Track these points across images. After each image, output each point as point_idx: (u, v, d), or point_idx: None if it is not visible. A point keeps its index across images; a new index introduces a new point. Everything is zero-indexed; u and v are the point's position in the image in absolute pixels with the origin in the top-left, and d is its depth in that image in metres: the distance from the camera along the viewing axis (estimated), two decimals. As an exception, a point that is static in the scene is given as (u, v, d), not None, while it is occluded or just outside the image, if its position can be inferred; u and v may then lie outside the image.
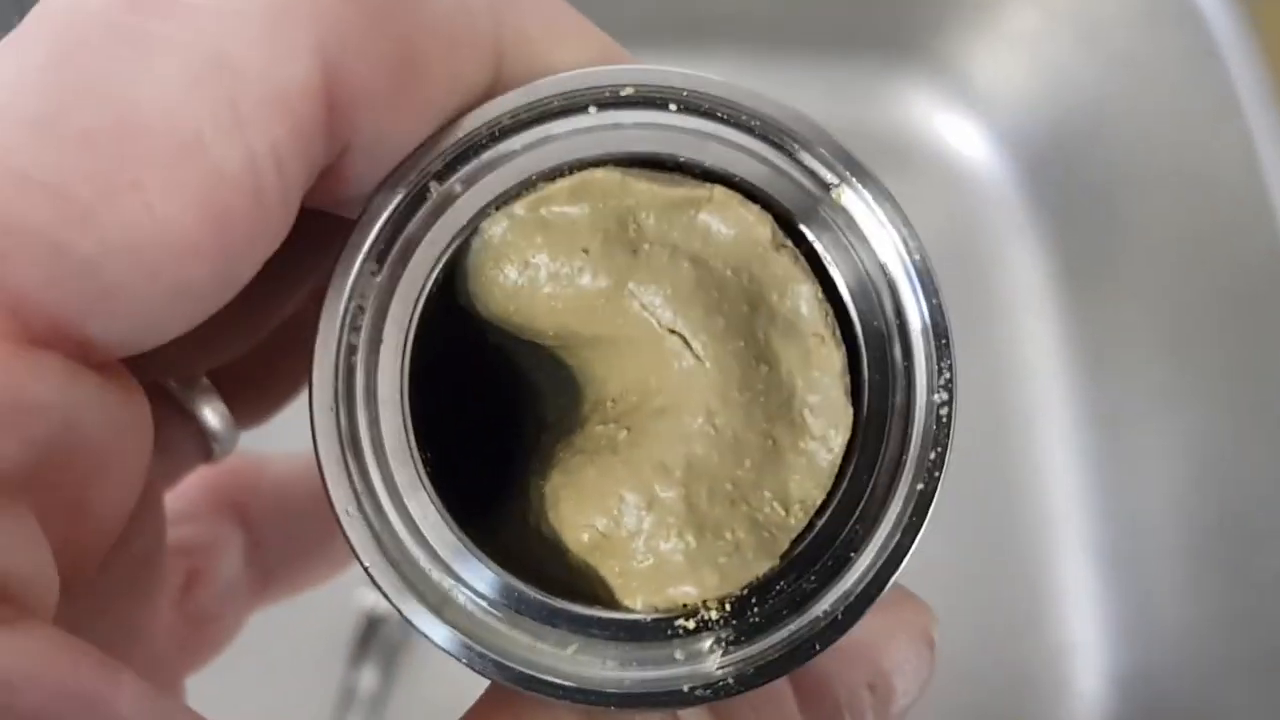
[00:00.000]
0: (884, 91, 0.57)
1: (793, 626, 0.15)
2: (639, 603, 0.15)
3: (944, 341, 0.15)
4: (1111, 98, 0.51)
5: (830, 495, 0.15)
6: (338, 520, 0.14)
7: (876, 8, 0.55)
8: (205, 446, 0.20)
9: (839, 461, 0.15)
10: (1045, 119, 0.54)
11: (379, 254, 0.14)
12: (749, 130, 0.15)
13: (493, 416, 0.18)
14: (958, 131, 0.56)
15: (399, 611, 0.14)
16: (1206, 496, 0.45)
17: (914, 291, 0.15)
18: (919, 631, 0.17)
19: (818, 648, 0.14)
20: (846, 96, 0.57)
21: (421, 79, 0.14)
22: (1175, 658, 0.46)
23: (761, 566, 0.15)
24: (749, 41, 0.56)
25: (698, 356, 0.15)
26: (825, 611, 0.15)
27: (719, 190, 0.15)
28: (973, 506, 0.50)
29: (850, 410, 0.15)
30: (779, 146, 0.15)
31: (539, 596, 0.14)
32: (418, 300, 0.14)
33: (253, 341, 0.19)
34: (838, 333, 0.15)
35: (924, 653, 0.17)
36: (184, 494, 0.22)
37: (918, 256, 0.15)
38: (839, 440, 0.15)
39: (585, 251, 0.15)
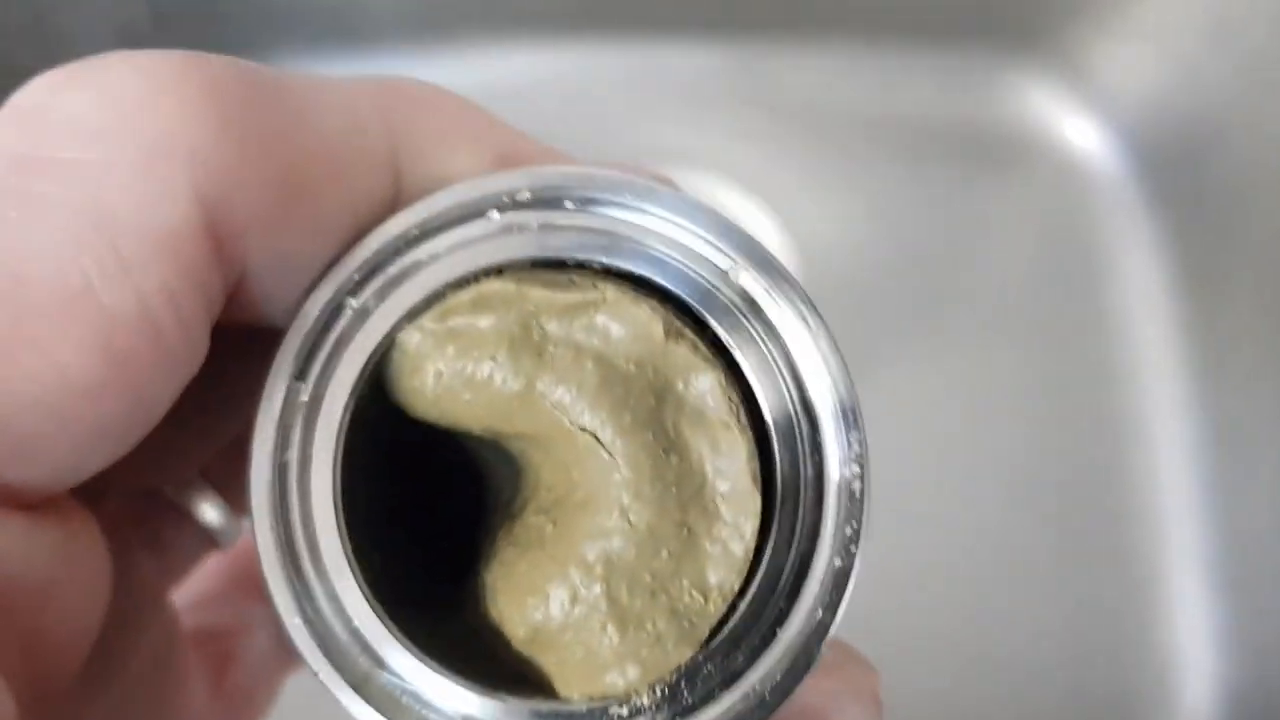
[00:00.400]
0: (1000, 82, 0.55)
1: (727, 703, 0.15)
2: (575, 693, 0.16)
3: (851, 417, 0.16)
4: (1241, 99, 0.49)
5: (749, 578, 0.16)
6: (284, 630, 0.15)
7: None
8: (209, 540, 0.21)
9: (752, 547, 0.16)
10: (1170, 117, 0.52)
11: (301, 373, 0.15)
12: (643, 222, 0.16)
13: (438, 508, 0.19)
14: (1076, 128, 0.54)
15: (350, 713, 0.15)
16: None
17: (819, 367, 0.16)
18: (866, 693, 0.18)
19: (759, 713, 0.15)
20: (958, 88, 0.55)
21: (309, 202, 0.14)
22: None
23: (683, 655, 0.15)
24: (863, 27, 0.55)
25: (609, 453, 0.16)
26: (755, 689, 0.15)
27: (610, 290, 0.16)
28: (1081, 516, 0.50)
29: (757, 497, 0.16)
30: (675, 235, 0.16)
31: (476, 690, 0.15)
32: (343, 416, 0.15)
33: (228, 437, 0.20)
34: (743, 418, 0.16)
35: (872, 712, 0.18)
36: (203, 580, 0.23)
37: (822, 334, 0.16)
38: (749, 527, 0.16)
39: (493, 359, 0.16)
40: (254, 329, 0.16)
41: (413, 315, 0.15)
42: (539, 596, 0.16)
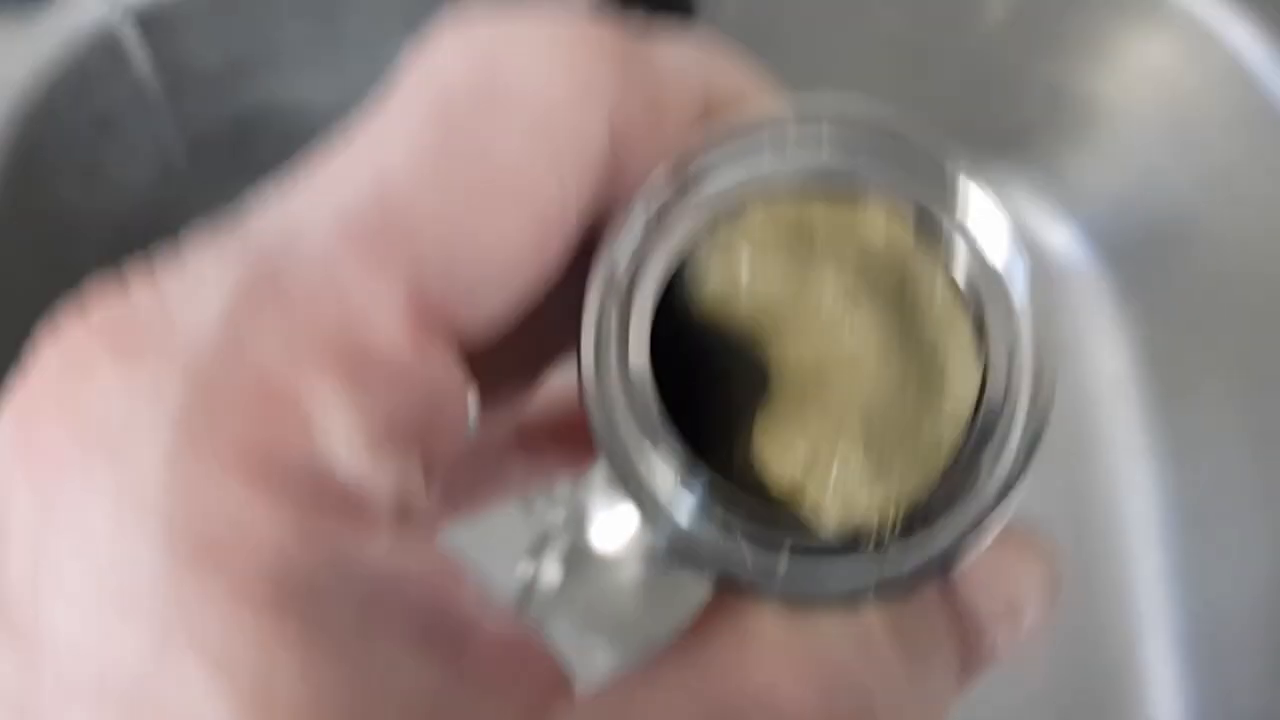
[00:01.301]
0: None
1: (946, 534, 0.19)
2: (832, 525, 0.19)
3: (1043, 313, 0.19)
4: (1200, 203, 0.53)
5: (967, 435, 0.19)
6: (614, 476, 0.19)
7: (976, 107, 0.58)
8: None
9: (972, 407, 0.19)
10: (1136, 219, 0.56)
11: (622, 265, 0.19)
12: (893, 150, 0.19)
13: (701, 393, 0.22)
14: (1050, 228, 0.59)
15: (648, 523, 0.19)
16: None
17: (1019, 272, 0.19)
18: (1046, 562, 0.22)
19: (971, 544, 0.19)
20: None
21: (663, 129, 0.19)
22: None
23: (925, 487, 0.19)
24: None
25: (865, 328, 0.19)
26: (972, 519, 0.19)
27: (873, 200, 0.19)
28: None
29: (978, 368, 0.19)
30: (918, 162, 0.19)
31: (754, 525, 0.19)
32: (653, 297, 0.19)
33: (532, 379, 0.25)
34: (965, 309, 0.19)
35: (1049, 581, 0.22)
36: None
37: (1021, 249, 0.19)
38: (971, 390, 0.19)
39: (775, 253, 0.19)
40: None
41: (712, 227, 0.19)
42: (804, 442, 0.19)
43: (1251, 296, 0.51)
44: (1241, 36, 0.49)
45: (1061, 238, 0.59)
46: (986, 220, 0.19)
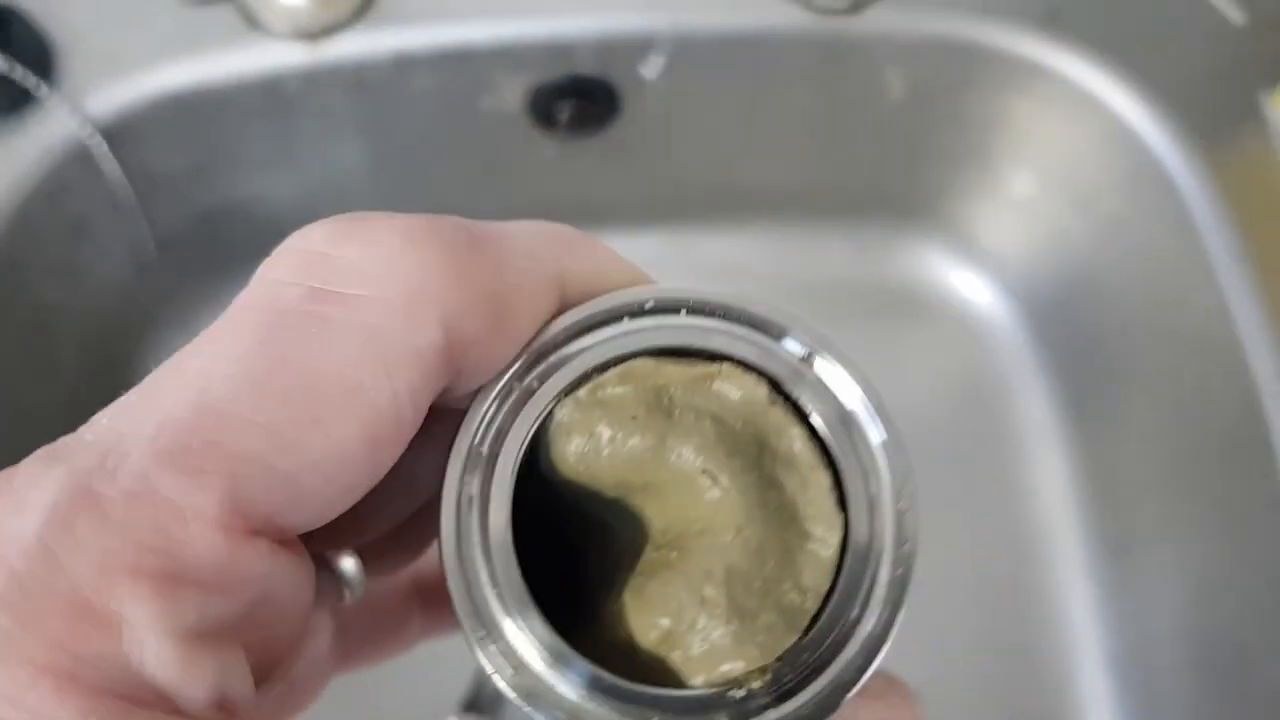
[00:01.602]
0: (901, 250, 0.64)
1: (817, 686, 0.19)
2: (700, 681, 0.19)
3: (901, 458, 0.20)
4: (1102, 255, 0.57)
5: (833, 584, 0.20)
6: (470, 643, 0.19)
7: (890, 177, 0.62)
8: (340, 592, 0.26)
9: (837, 557, 0.20)
10: (1045, 273, 0.60)
11: (481, 437, 0.20)
12: (742, 323, 0.20)
13: (567, 561, 0.23)
14: (968, 284, 0.63)
15: (524, 707, 0.19)
16: (1205, 616, 0.51)
17: (873, 422, 0.20)
18: (913, 710, 0.22)
19: (844, 695, 0.19)
20: (868, 255, 0.64)
21: (509, 321, 0.19)
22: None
23: (789, 640, 0.19)
24: (782, 209, 0.64)
25: (724, 489, 0.20)
26: (842, 670, 0.19)
27: (726, 366, 0.20)
28: (992, 620, 0.57)
29: (840, 516, 0.20)
30: (765, 332, 0.20)
31: (625, 685, 0.19)
32: (514, 465, 0.19)
33: (396, 520, 0.25)
34: (822, 461, 0.20)
35: None
36: None
37: (873, 399, 0.20)
38: (834, 539, 0.20)
39: (634, 419, 0.20)
40: (442, 411, 0.20)
41: (567, 392, 0.20)
42: (669, 604, 0.19)
43: (1155, 334, 0.55)
44: (1122, 101, 0.53)
45: (981, 295, 0.63)
46: (839, 377, 0.20)
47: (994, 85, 0.56)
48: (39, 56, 0.51)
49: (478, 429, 0.19)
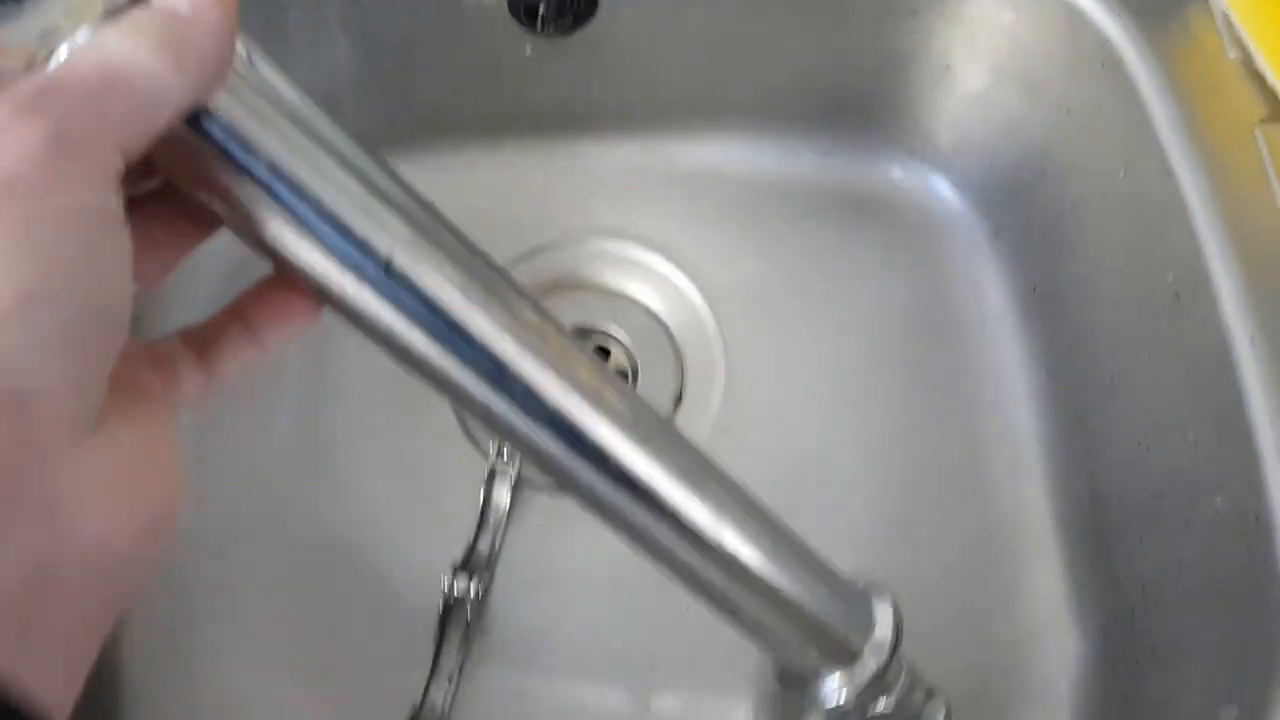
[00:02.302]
0: (865, 153, 0.67)
1: None
2: None
3: None
4: (1054, 140, 0.60)
5: None
6: None
7: (852, 85, 0.65)
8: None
9: None
10: (1000, 163, 0.63)
11: None
12: None
13: None
14: (927, 181, 0.66)
15: None
16: (1155, 459, 0.53)
17: None
18: None
19: None
20: (835, 159, 0.67)
21: None
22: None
23: None
24: (753, 117, 0.67)
25: None
26: None
27: None
28: (949, 488, 0.59)
29: None
30: None
31: None
32: None
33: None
34: None
35: None
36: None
37: None
38: None
39: None
40: None
41: None
42: None
43: (1106, 206, 0.57)
44: (1068, -14, 0.57)
45: (939, 191, 0.66)
46: None
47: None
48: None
49: None
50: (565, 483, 0.32)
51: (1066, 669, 0.56)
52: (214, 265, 0.47)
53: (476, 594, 0.54)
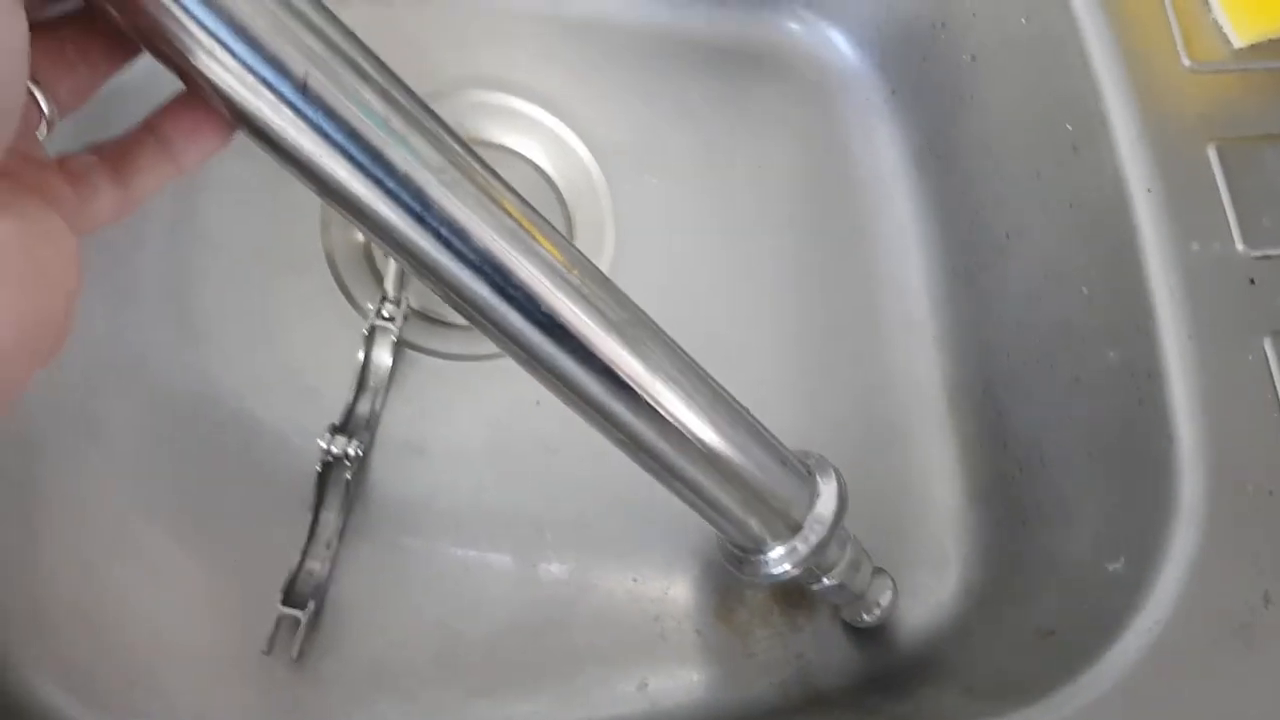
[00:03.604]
0: (761, 3, 0.64)
1: None
2: None
3: None
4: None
5: None
6: None
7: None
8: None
9: None
10: (897, 22, 0.62)
11: None
12: None
13: None
14: (825, 38, 0.64)
15: None
16: (1046, 310, 0.53)
17: None
18: None
19: None
20: (730, 9, 0.64)
21: None
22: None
23: None
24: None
25: None
26: None
27: None
28: (845, 362, 0.58)
29: None
30: None
31: None
32: None
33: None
34: None
35: None
36: None
37: None
38: None
39: None
40: None
41: None
42: None
43: (1003, 55, 0.56)
44: None
45: (837, 48, 0.64)
46: None
47: None
48: None
49: None
50: (491, 330, 0.31)
51: (954, 528, 0.56)
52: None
53: (355, 455, 0.51)
